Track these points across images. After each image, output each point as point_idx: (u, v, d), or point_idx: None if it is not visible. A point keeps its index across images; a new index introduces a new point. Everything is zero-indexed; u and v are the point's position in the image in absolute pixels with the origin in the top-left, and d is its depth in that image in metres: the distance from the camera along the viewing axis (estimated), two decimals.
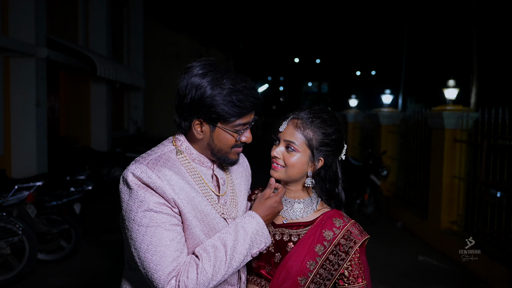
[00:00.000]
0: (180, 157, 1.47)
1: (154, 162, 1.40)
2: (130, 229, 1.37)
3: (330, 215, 1.55)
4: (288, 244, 1.54)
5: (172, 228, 1.36)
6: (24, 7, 7.29)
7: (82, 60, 9.22)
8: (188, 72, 1.42)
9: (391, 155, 8.57)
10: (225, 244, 1.40)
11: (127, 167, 1.41)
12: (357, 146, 10.76)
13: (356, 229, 1.52)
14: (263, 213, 1.49)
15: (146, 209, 1.34)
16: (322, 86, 38.30)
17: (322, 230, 1.51)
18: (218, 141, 1.45)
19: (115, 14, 12.80)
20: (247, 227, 1.45)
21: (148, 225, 1.34)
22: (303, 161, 1.53)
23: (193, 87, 1.38)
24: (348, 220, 1.54)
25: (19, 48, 6.97)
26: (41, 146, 7.65)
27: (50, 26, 8.51)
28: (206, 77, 1.39)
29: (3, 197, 4.34)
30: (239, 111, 1.40)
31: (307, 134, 1.52)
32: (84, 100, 11.12)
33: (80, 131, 10.89)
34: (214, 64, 1.44)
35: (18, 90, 7.43)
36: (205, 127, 1.43)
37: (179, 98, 1.43)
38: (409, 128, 7.84)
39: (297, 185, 1.60)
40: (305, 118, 1.54)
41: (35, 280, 4.64)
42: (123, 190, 1.40)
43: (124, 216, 1.39)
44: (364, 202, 7.17)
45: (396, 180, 8.48)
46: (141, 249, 1.34)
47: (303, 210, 1.59)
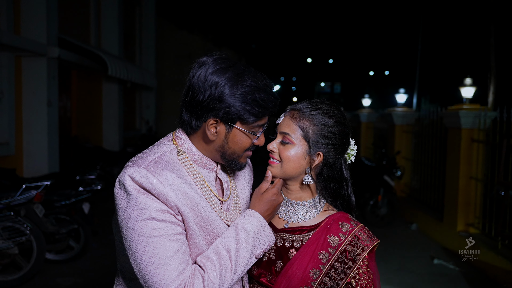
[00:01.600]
0: (181, 158, 1.34)
1: (154, 164, 1.27)
2: (129, 239, 1.23)
3: (336, 218, 1.42)
4: (290, 251, 1.42)
5: (176, 238, 1.23)
6: (36, 7, 7.31)
7: (94, 59, 9.23)
8: (203, 67, 1.29)
9: (405, 155, 8.40)
10: (228, 250, 1.28)
11: (123, 169, 1.28)
12: (371, 146, 10.60)
13: (364, 234, 1.39)
14: (263, 209, 1.37)
15: (147, 217, 1.21)
16: (335, 86, 38.05)
17: (327, 236, 1.38)
18: (233, 143, 1.33)
19: (127, 14, 12.83)
20: (247, 228, 1.32)
21: (150, 235, 1.21)
22: (299, 154, 1.40)
23: (212, 84, 1.26)
24: (355, 224, 1.40)
25: (31, 48, 6.98)
26: (52, 146, 7.65)
27: (62, 26, 8.53)
28: (227, 73, 1.27)
29: (11, 196, 4.31)
30: (262, 111, 1.30)
31: (303, 125, 1.39)
32: (96, 99, 11.14)
33: (91, 131, 10.91)
34: (231, 60, 1.33)
35: (29, 90, 7.46)
36: (221, 127, 1.30)
37: (192, 94, 1.29)
38: (424, 127, 7.66)
39: (296, 183, 1.46)
40: (303, 109, 1.42)
41: (43, 280, 4.61)
42: (119, 195, 1.26)
43: (121, 224, 1.25)
44: (378, 204, 7.05)
45: (410, 181, 8.31)
46: (143, 262, 1.21)
47: (305, 212, 1.45)
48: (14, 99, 7.20)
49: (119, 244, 1.36)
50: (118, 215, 1.26)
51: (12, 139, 7.20)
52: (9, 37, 6.60)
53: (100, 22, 10.99)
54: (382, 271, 5.04)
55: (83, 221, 5.14)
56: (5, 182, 5.18)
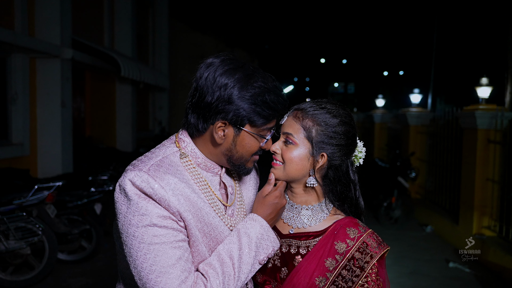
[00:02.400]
0: (184, 161, 1.30)
1: (156, 168, 1.23)
2: (130, 246, 1.19)
3: (343, 224, 1.35)
4: (295, 257, 1.36)
5: (178, 245, 1.19)
6: (50, 9, 7.38)
7: (107, 61, 9.30)
8: (210, 68, 1.25)
9: (419, 156, 8.28)
10: (231, 256, 1.24)
11: (124, 172, 1.24)
12: (384, 147, 10.48)
13: (373, 241, 1.32)
14: (265, 213, 1.32)
15: (148, 224, 1.17)
16: (349, 86, 37.79)
17: (334, 242, 1.32)
18: (241, 146, 1.28)
19: (140, 15, 12.91)
20: (250, 233, 1.27)
21: (151, 242, 1.17)
22: (302, 156, 1.34)
23: (221, 85, 1.22)
24: (364, 230, 1.34)
25: (45, 49, 7.05)
26: (66, 146, 7.71)
27: (76, 27, 8.60)
28: (236, 74, 1.23)
29: (23, 197, 4.33)
30: (272, 113, 1.26)
31: (306, 124, 1.34)
32: (109, 100, 11.22)
33: (105, 132, 10.99)
34: (239, 60, 1.29)
35: (44, 91, 7.52)
36: (229, 130, 1.26)
37: (199, 96, 1.25)
38: (439, 128, 7.54)
39: (300, 186, 1.40)
40: (306, 108, 1.36)
41: (55, 280, 4.63)
42: (119, 200, 1.22)
43: (121, 230, 1.22)
44: (391, 205, 6.95)
45: (425, 182, 8.18)
46: (144, 269, 1.17)
47: (311, 217, 1.39)
48: (28, 100, 7.28)
49: (120, 250, 1.33)
50: (119, 221, 1.23)
51: (27, 140, 7.28)
52: (24, 39, 6.68)
53: (113, 24, 11.07)
54: (396, 274, 4.96)
55: (95, 221, 5.17)
56: (19, 182, 5.22)
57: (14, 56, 6.97)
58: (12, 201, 4.30)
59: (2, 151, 6.66)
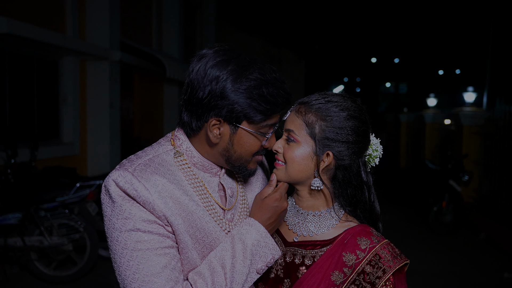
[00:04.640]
0: (178, 160, 1.19)
1: (142, 168, 1.13)
2: (114, 251, 1.11)
3: (354, 232, 1.19)
4: (299, 268, 1.21)
5: (164, 252, 1.10)
6: (99, 12, 7.62)
7: (153, 62, 9.48)
8: (202, 60, 1.14)
9: (473, 158, 7.80)
10: (223, 265, 1.12)
11: (110, 172, 1.15)
12: (435, 148, 10.00)
13: (387, 253, 1.14)
14: (264, 217, 1.18)
15: (131, 228, 1.08)
16: (401, 86, 36.66)
17: (342, 253, 1.16)
18: (239, 146, 1.17)
19: (188, 17, 13.10)
20: (245, 239, 1.14)
21: (134, 248, 1.08)
22: (305, 155, 1.19)
23: (212, 78, 1.10)
24: (377, 241, 1.17)
25: (94, 52, 7.28)
26: (114, 147, 7.94)
27: (124, 30, 8.83)
28: (229, 65, 1.11)
29: (66, 195, 4.46)
30: (271, 108, 1.13)
31: (308, 119, 1.18)
32: (157, 101, 11.46)
33: (153, 132, 11.22)
34: (234, 51, 1.17)
35: (93, 92, 7.78)
36: (224, 128, 1.15)
37: (191, 91, 1.14)
38: (498, 129, 7.04)
39: (305, 189, 1.25)
40: (310, 102, 1.20)
41: (96, 276, 4.73)
42: (105, 202, 1.14)
43: (106, 233, 1.14)
44: (442, 210, 6.60)
45: (479, 186, 7.70)
46: (127, 277, 1.09)
47: (318, 224, 1.23)
48: (78, 101, 7.55)
49: None
50: (104, 224, 1.15)
51: (77, 139, 7.55)
52: (75, 42, 6.92)
53: (161, 26, 11.29)
54: (443, 282, 4.67)
55: None
56: (66, 180, 5.39)
57: (65, 59, 7.26)
58: (55, 198, 4.43)
59: (53, 150, 6.93)
